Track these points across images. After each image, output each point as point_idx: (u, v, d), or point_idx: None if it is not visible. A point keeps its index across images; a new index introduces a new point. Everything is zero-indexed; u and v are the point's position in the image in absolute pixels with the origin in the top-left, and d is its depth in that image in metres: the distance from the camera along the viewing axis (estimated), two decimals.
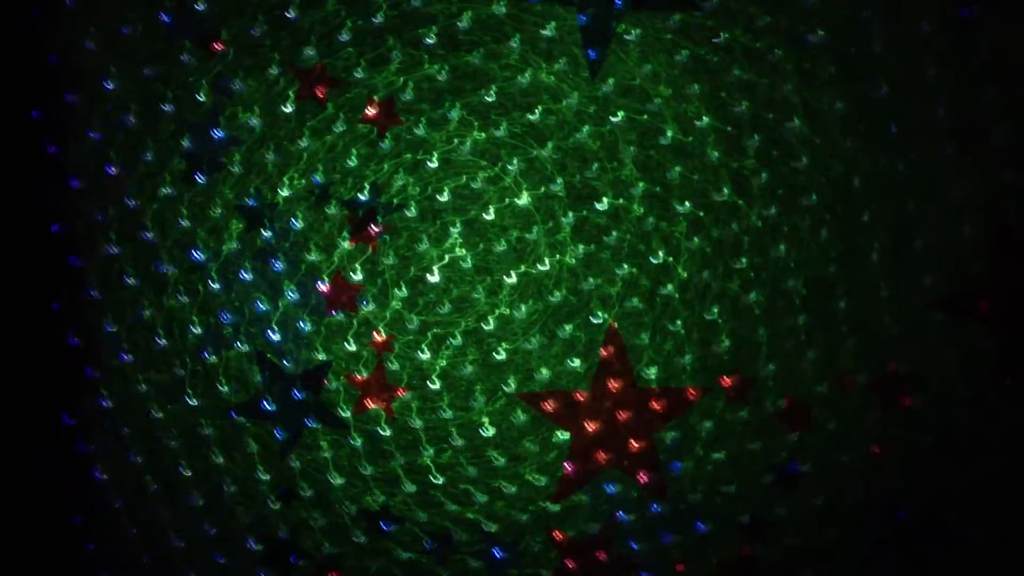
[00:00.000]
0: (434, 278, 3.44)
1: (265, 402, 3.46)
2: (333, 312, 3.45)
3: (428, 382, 3.44)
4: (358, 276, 3.45)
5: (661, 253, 3.38)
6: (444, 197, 3.43)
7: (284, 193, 3.46)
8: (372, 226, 3.43)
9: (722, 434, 3.36)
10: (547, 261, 3.41)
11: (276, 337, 3.46)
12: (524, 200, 3.42)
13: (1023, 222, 3.27)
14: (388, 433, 3.44)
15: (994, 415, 3.27)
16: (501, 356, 3.41)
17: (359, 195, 3.45)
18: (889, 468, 3.29)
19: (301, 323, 3.45)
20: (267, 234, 3.46)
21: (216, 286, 3.47)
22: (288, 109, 3.46)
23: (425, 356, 3.44)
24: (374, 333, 3.44)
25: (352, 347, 3.45)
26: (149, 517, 3.51)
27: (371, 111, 3.44)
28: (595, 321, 3.39)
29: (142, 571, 3.51)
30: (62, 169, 3.50)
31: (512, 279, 3.42)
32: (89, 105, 3.50)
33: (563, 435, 3.40)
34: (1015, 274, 3.26)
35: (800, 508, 3.33)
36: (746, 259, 3.35)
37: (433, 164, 3.43)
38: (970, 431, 3.28)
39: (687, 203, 3.37)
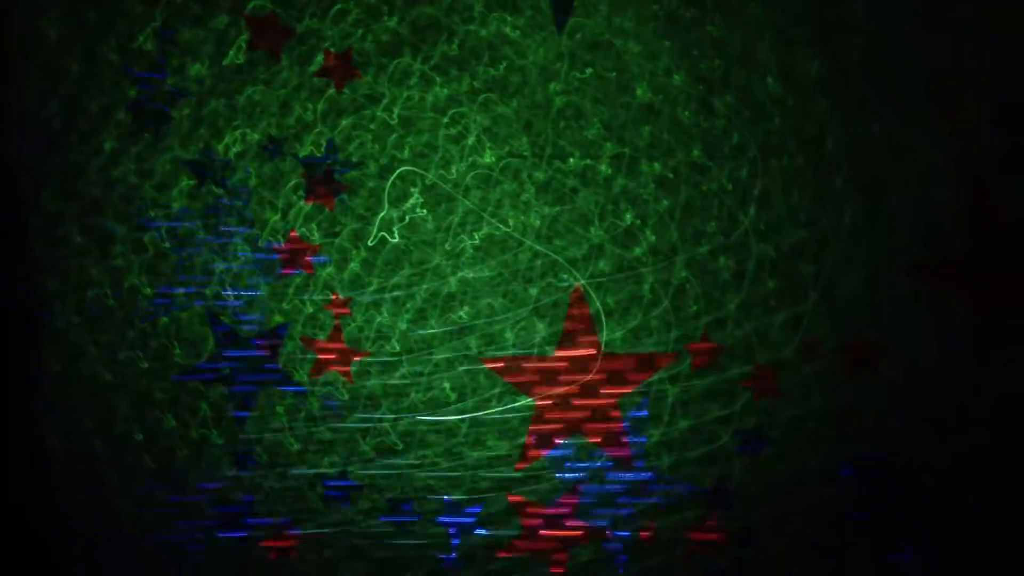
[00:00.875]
0: (393, 239, 3.32)
1: (218, 365, 3.35)
2: (289, 273, 3.33)
3: (387, 345, 3.34)
4: (315, 236, 3.33)
5: (629, 215, 3.28)
6: (404, 155, 3.30)
7: (236, 149, 3.32)
8: (329, 185, 3.30)
9: (688, 400, 3.30)
10: (511, 222, 3.30)
11: (230, 298, 3.34)
12: (488, 159, 3.30)
13: (998, 186, 3.20)
14: (346, 397, 3.35)
15: (965, 381, 3.23)
16: (463, 319, 3.32)
17: (315, 152, 3.31)
18: (858, 434, 3.25)
19: (255, 284, 3.33)
20: (218, 191, 3.33)
21: (166, 244, 3.34)
22: (239, 60, 3.31)
23: (384, 319, 3.33)
24: (332, 295, 3.33)
25: (309, 309, 3.34)
26: (99, 482, 3.41)
27: (327, 63, 3.29)
28: (561, 284, 3.30)
29: (94, 537, 3.42)
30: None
31: (475, 240, 3.31)
32: (29, 54, 3.33)
33: (526, 400, 3.32)
34: (989, 239, 3.20)
35: (767, 475, 3.29)
36: (715, 222, 3.27)
37: (392, 121, 3.30)
38: (941, 397, 3.24)
39: (656, 164, 3.27)
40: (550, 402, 3.31)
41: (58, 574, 3.38)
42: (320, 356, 3.34)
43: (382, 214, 3.31)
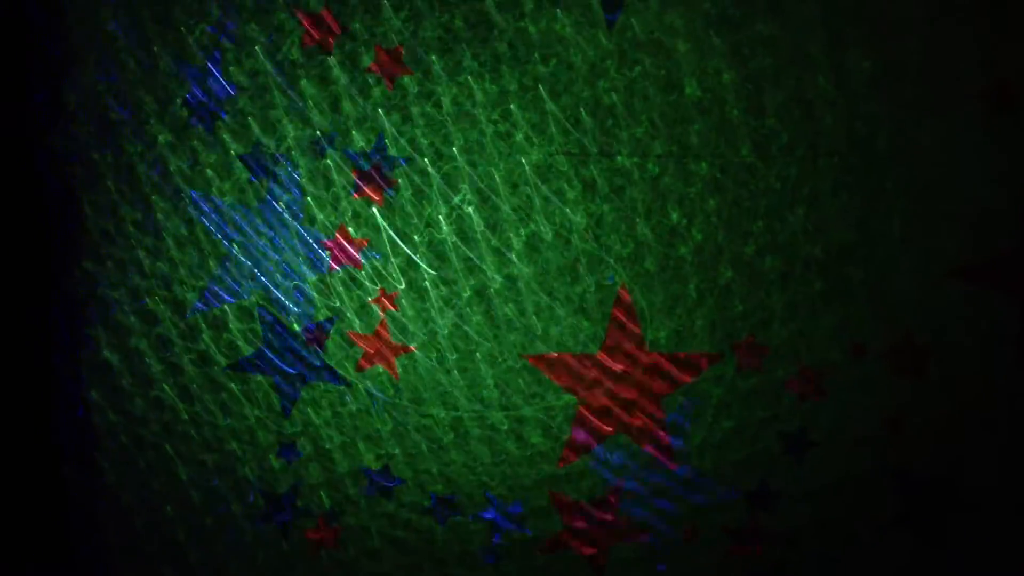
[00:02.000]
0: (440, 235, 3.34)
1: (266, 357, 3.39)
2: (336, 267, 3.36)
3: (432, 341, 3.35)
4: (363, 231, 3.35)
5: (676, 214, 3.27)
6: (452, 151, 3.32)
7: (287, 143, 3.36)
8: (378, 180, 3.33)
9: (732, 401, 3.28)
10: (557, 219, 3.30)
11: (278, 291, 3.37)
12: (535, 156, 3.30)
13: None
14: (391, 392, 3.37)
15: (1012, 384, 3.18)
16: (508, 316, 3.33)
17: (364, 147, 3.34)
18: (904, 439, 3.21)
19: (304, 278, 3.37)
20: (270, 185, 3.37)
21: (217, 237, 3.38)
22: (292, 56, 3.34)
23: (430, 314, 3.35)
24: (378, 290, 3.35)
25: (355, 304, 3.37)
26: (146, 470, 3.46)
27: (378, 60, 3.32)
28: (605, 283, 3.30)
29: (137, 522, 3.47)
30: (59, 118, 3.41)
31: (521, 237, 3.32)
32: (87, 46, 3.39)
33: (569, 398, 3.32)
34: None
35: (810, 477, 3.27)
36: (763, 222, 3.24)
37: (441, 117, 3.31)
38: (987, 399, 3.20)
39: (704, 163, 3.25)
40: (593, 400, 3.31)
41: (102, 553, 3.44)
42: (366, 350, 3.36)
43: (429, 210, 3.33)
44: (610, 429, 3.31)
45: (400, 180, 3.34)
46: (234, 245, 3.38)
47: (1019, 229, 3.14)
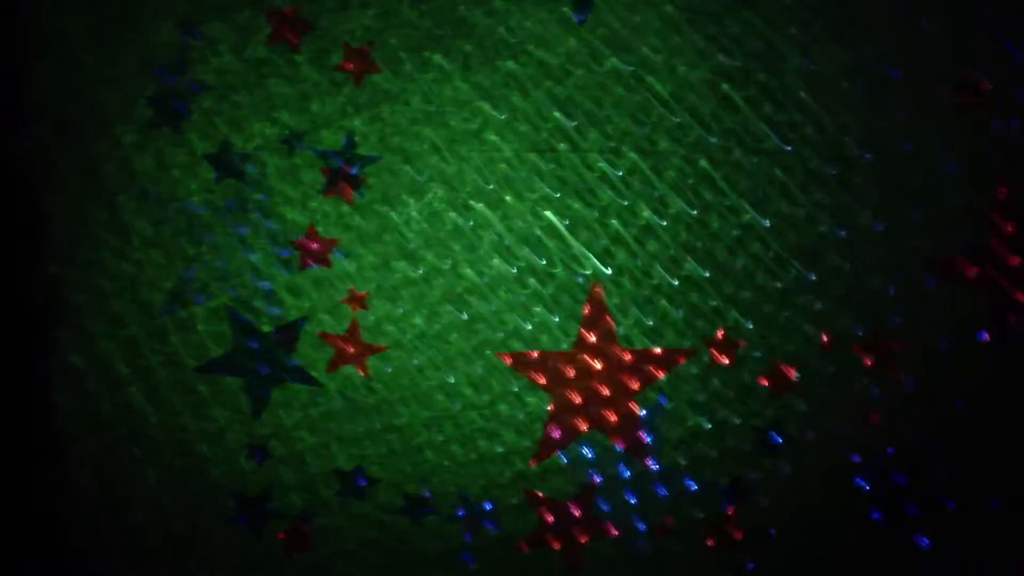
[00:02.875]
0: (411, 233, 3.32)
1: (235, 359, 3.35)
2: (307, 267, 3.33)
3: (404, 340, 3.34)
4: (332, 230, 3.33)
5: (647, 211, 3.27)
6: (423, 150, 3.30)
7: (255, 142, 3.33)
8: (347, 179, 3.31)
9: (706, 396, 3.29)
10: (529, 217, 3.30)
11: (247, 292, 3.34)
12: (507, 153, 3.30)
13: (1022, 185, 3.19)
14: (362, 392, 3.35)
15: (986, 378, 3.21)
16: (480, 314, 3.32)
17: (333, 146, 3.31)
18: (879, 433, 3.24)
19: (273, 278, 3.34)
20: (237, 185, 3.33)
21: (185, 238, 3.34)
22: (259, 54, 3.32)
23: (401, 313, 3.33)
24: (349, 290, 3.33)
25: (326, 304, 3.34)
26: (115, 474, 3.41)
27: (346, 58, 3.30)
28: (578, 280, 3.29)
29: (108, 528, 3.43)
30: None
31: (493, 235, 3.31)
32: (49, 46, 3.34)
33: (543, 395, 3.32)
34: (1014, 238, 3.18)
35: (785, 471, 3.28)
36: (735, 217, 3.26)
37: (412, 115, 3.30)
38: (961, 392, 3.23)
39: (675, 159, 3.26)
40: (567, 397, 3.30)
41: (72, 563, 3.39)
42: (337, 351, 3.33)
43: (400, 208, 3.31)
44: (584, 426, 3.31)
45: (370, 179, 3.32)
46: (202, 246, 3.34)
47: (991, 223, 3.18)
